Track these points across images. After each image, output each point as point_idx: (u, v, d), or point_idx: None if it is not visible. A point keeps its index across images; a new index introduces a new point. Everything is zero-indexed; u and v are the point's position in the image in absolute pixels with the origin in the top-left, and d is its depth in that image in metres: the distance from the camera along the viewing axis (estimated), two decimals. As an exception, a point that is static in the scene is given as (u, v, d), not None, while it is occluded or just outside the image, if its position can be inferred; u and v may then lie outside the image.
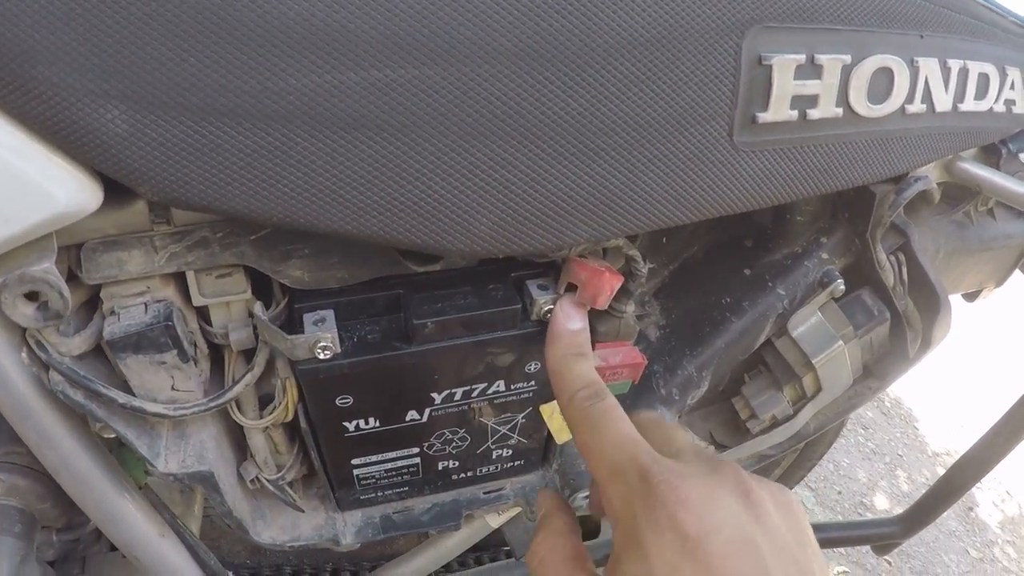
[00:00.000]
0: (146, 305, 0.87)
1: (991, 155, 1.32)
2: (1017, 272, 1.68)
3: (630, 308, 1.08)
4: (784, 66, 0.87)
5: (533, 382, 1.11)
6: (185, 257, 0.85)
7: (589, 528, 1.58)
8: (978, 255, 1.54)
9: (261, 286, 0.96)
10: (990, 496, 3.95)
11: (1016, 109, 1.19)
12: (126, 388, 0.91)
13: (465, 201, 0.78)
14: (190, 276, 0.89)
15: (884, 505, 3.65)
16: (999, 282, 1.69)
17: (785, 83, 0.88)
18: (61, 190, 0.66)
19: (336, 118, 0.71)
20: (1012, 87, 1.16)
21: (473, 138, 0.76)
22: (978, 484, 1.86)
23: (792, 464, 2.47)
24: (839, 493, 3.68)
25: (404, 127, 0.73)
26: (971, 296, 1.74)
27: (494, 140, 0.76)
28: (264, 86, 0.68)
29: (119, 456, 1.02)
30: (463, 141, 0.75)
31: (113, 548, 1.25)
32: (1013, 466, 4.26)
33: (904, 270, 1.30)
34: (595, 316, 1.07)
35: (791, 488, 2.57)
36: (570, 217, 0.83)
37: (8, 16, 0.59)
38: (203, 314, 0.96)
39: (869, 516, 3.53)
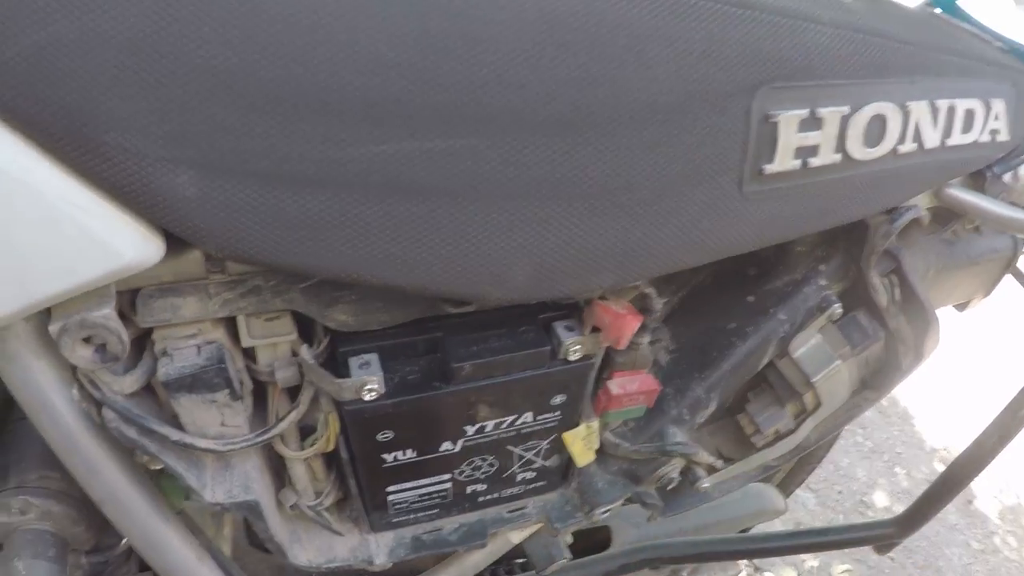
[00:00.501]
0: (198, 347, 0.91)
1: (977, 179, 1.35)
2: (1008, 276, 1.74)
3: (645, 339, 1.15)
4: (789, 121, 0.93)
5: (558, 412, 1.17)
6: (238, 303, 0.90)
7: (601, 539, 1.65)
8: (966, 269, 1.59)
9: (303, 326, 1.00)
10: (988, 488, 3.93)
11: (1000, 137, 1.25)
12: (175, 423, 0.95)
13: (504, 256, 0.84)
14: (240, 320, 0.94)
15: (884, 502, 3.64)
16: (986, 293, 1.74)
17: (789, 136, 0.94)
18: (127, 245, 0.70)
19: (390, 184, 0.76)
20: (996, 118, 1.22)
21: (513, 199, 0.82)
22: (979, 477, 1.90)
23: (792, 470, 2.52)
24: (840, 493, 3.68)
25: (451, 191, 0.79)
26: (961, 306, 1.78)
27: (531, 200, 0.83)
28: (325, 155, 0.73)
29: (158, 483, 1.05)
30: (504, 202, 0.82)
31: (142, 569, 1.28)
32: (1010, 456, 4.30)
33: (897, 291, 1.36)
34: (614, 349, 1.14)
35: (792, 492, 2.62)
36: (597, 266, 0.89)
37: (82, 82, 0.63)
38: (249, 353, 1.00)
39: (870, 515, 3.53)
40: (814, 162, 0.98)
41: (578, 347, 1.07)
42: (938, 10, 1.61)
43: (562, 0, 0.78)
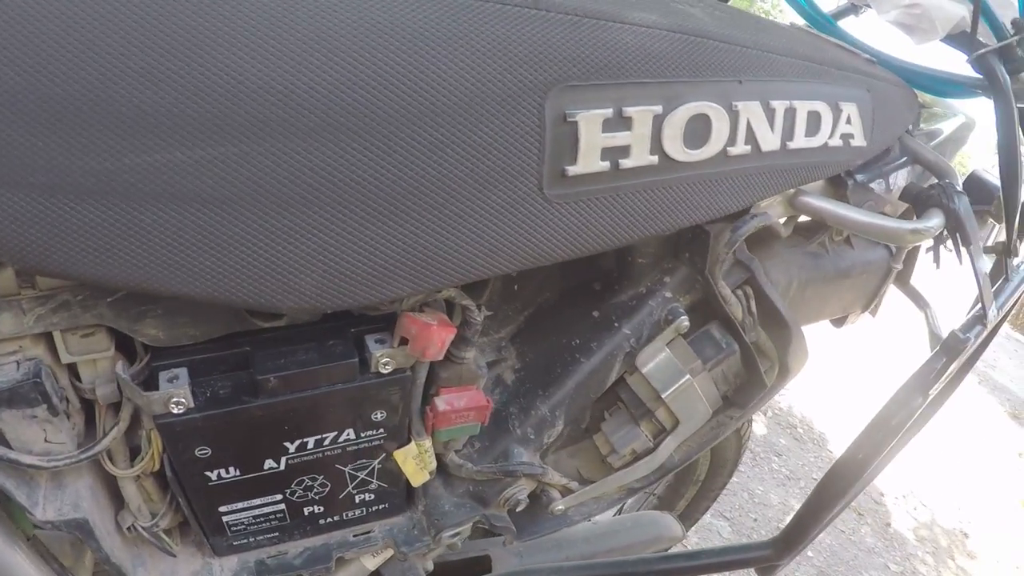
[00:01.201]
0: (17, 363, 0.91)
1: (838, 187, 1.37)
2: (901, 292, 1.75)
3: (470, 354, 1.14)
4: (590, 121, 0.92)
5: (382, 429, 1.16)
6: (51, 318, 0.90)
7: (479, 570, 1.63)
8: (837, 283, 1.59)
9: (128, 344, 1.00)
10: (904, 507, 3.99)
11: (854, 142, 1.25)
12: (2, 441, 0.94)
13: (287, 263, 0.84)
14: (56, 336, 0.93)
15: (802, 529, 3.68)
16: (865, 307, 1.75)
17: (593, 137, 0.93)
18: None
19: (165, 193, 0.76)
20: (848, 121, 1.22)
21: (289, 206, 0.81)
22: (895, 498, 1.89)
23: (696, 495, 2.52)
24: (755, 520, 3.70)
25: (226, 199, 0.78)
26: (838, 321, 1.78)
27: (308, 207, 0.82)
28: (101, 166, 0.73)
29: (6, 507, 1.04)
30: (280, 209, 0.81)
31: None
32: (924, 477, 4.33)
33: (752, 303, 1.35)
34: (437, 363, 1.13)
35: (697, 519, 2.62)
36: (388, 274, 0.88)
37: None
38: (74, 370, 0.99)
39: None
40: (626, 163, 0.97)
41: (388, 359, 1.07)
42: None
43: (329, 8, 0.78)
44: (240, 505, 1.17)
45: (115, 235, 0.76)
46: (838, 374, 5.42)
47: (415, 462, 1.22)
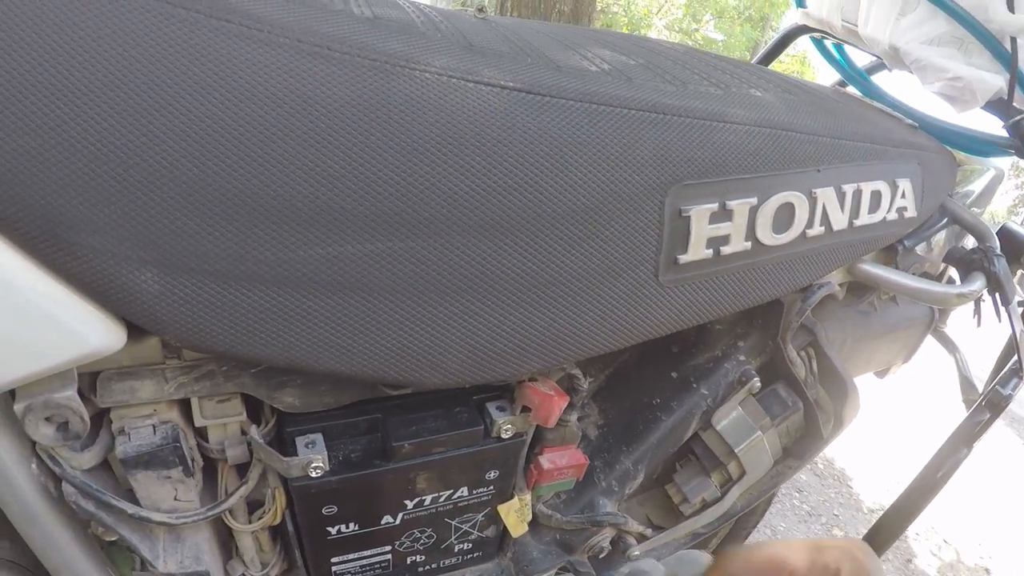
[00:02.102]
0: (154, 427, 0.96)
1: (889, 253, 1.42)
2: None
3: (573, 417, 1.21)
4: (700, 215, 1.00)
5: (492, 487, 1.22)
6: (192, 387, 0.95)
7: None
8: (884, 338, 1.65)
9: (251, 406, 1.04)
10: (927, 546, 3.92)
11: (907, 214, 1.31)
12: (130, 497, 0.99)
13: (438, 344, 0.91)
14: (194, 402, 0.99)
15: (823, 565, 3.62)
16: (906, 359, 1.81)
17: (701, 229, 1.01)
18: (93, 334, 0.75)
19: (334, 282, 0.83)
20: (903, 196, 1.28)
21: (446, 295, 0.88)
22: (916, 534, 1.91)
23: (728, 535, 2.55)
24: (779, 558, 3.66)
25: (390, 288, 0.85)
26: (881, 373, 1.84)
27: (463, 296, 0.89)
28: (276, 256, 0.79)
29: (109, 554, 1.07)
30: (438, 298, 0.88)
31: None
32: (948, 514, 4.30)
33: (814, 363, 1.42)
34: (543, 427, 1.20)
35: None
36: (525, 352, 0.96)
37: (56, 187, 0.69)
38: (200, 431, 1.04)
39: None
40: (726, 250, 1.04)
41: (509, 426, 1.14)
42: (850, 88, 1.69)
43: (487, 113, 0.85)
44: (351, 556, 1.22)
45: (283, 319, 0.82)
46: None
47: (516, 515, 1.28)
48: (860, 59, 1.80)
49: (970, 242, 1.57)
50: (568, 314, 0.96)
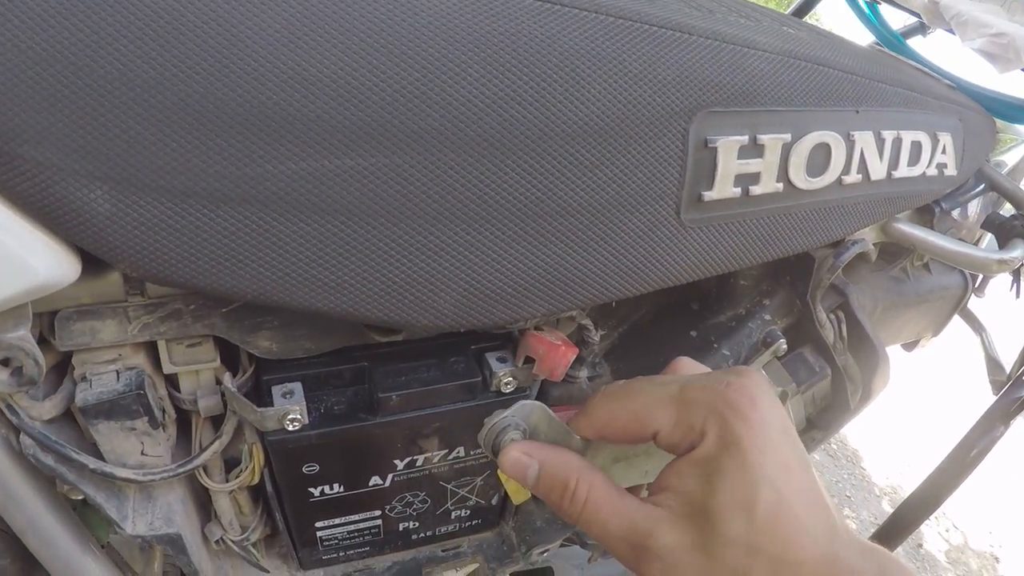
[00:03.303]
0: (118, 372, 0.89)
1: (925, 214, 1.36)
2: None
3: (583, 373, 1.13)
4: (728, 147, 0.91)
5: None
6: (158, 328, 0.87)
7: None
8: (915, 308, 1.58)
9: (228, 353, 0.97)
10: (936, 530, 3.96)
11: (947, 172, 1.23)
12: (95, 451, 0.92)
13: (430, 280, 0.82)
14: (161, 345, 0.92)
15: (835, 545, 3.65)
16: (936, 332, 1.74)
17: (729, 163, 0.92)
18: (41, 263, 0.67)
19: (310, 203, 0.74)
20: (944, 151, 1.20)
21: (438, 222, 0.79)
22: (927, 520, 1.88)
23: None
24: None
25: (374, 211, 0.76)
26: (909, 346, 1.77)
27: (458, 223, 0.80)
28: (242, 171, 0.70)
29: (82, 515, 1.03)
30: (429, 225, 0.79)
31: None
32: (957, 499, 4.29)
33: (844, 327, 1.34)
34: (549, 382, 1.11)
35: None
36: (528, 293, 0.87)
37: None
38: (172, 380, 0.98)
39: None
40: (755, 190, 0.96)
41: (510, 379, 1.05)
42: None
43: (488, 18, 0.76)
44: (337, 521, 1.16)
45: (251, 246, 0.74)
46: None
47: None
48: (894, 24, 1.75)
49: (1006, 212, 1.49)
50: (577, 251, 0.87)
